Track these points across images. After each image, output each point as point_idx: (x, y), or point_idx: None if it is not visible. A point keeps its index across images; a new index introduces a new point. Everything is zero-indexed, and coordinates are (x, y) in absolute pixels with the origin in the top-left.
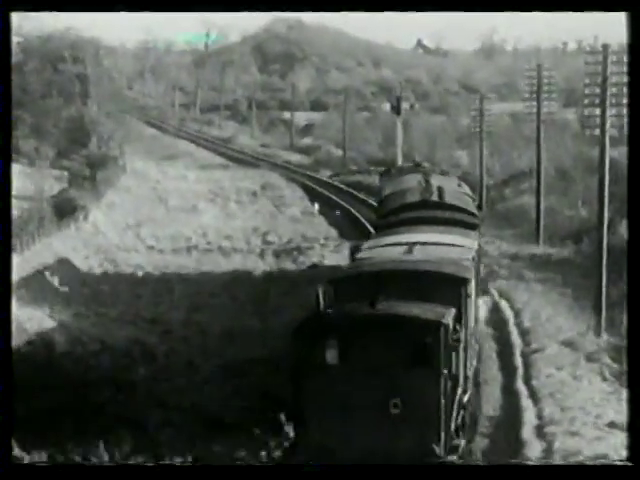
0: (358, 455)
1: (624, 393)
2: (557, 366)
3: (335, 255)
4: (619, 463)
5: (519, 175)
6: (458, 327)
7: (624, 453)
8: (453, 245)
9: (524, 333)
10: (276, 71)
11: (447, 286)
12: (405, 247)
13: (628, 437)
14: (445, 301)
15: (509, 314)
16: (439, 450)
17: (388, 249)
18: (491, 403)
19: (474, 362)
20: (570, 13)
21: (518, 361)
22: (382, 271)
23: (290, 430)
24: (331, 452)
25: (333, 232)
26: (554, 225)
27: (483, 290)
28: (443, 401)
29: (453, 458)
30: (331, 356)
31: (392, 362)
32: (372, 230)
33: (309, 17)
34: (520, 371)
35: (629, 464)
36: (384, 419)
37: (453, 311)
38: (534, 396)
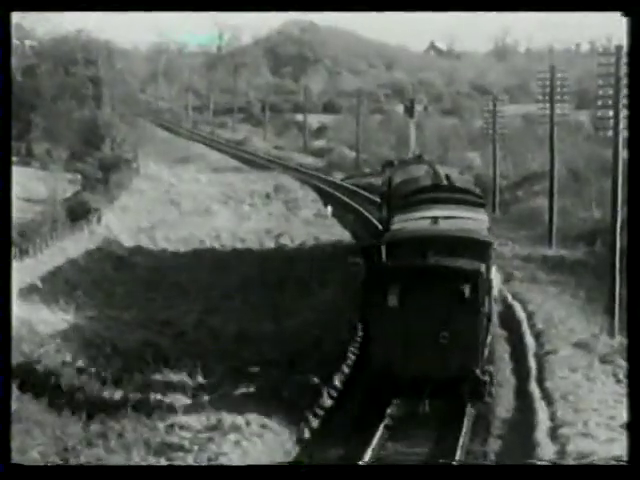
0: (412, 375)
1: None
2: (571, 368)
3: None
4: (619, 463)
5: (532, 177)
6: (490, 277)
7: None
8: (468, 219)
9: (537, 335)
10: (289, 73)
11: (477, 247)
12: (430, 220)
13: (628, 437)
14: (476, 258)
15: (522, 316)
16: (478, 372)
17: (415, 222)
18: (504, 405)
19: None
20: (583, 14)
21: (531, 363)
22: (426, 236)
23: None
24: (392, 372)
25: (347, 234)
26: (567, 227)
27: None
28: (481, 333)
29: (487, 379)
30: (392, 299)
31: (441, 302)
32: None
33: (321, 19)
34: (533, 373)
35: (629, 464)
36: (434, 348)
37: (484, 265)
38: (547, 398)
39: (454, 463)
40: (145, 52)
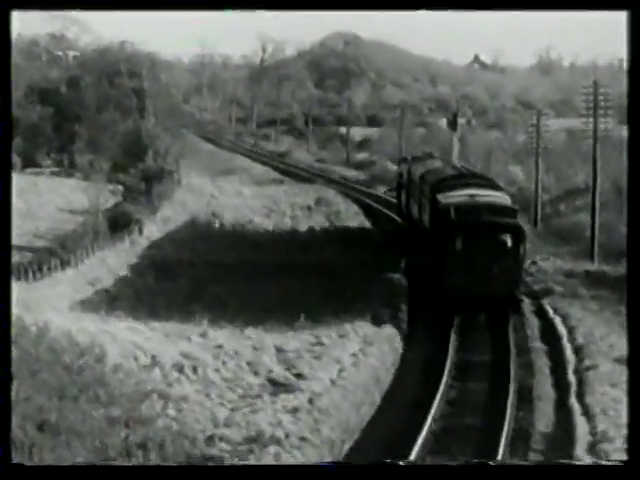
0: (473, 295)
1: None
2: (611, 383)
3: None
4: (618, 463)
5: (574, 191)
6: (524, 231)
7: None
8: (494, 195)
9: (578, 350)
10: (332, 86)
11: (511, 212)
12: (467, 197)
13: (628, 437)
14: (512, 218)
15: (563, 331)
16: (517, 293)
17: (457, 198)
18: (544, 419)
19: None
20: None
21: (571, 378)
22: (475, 203)
23: None
24: (459, 291)
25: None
26: (609, 242)
27: None
28: (519, 268)
29: (522, 298)
30: (458, 245)
31: (493, 247)
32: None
33: (365, 32)
34: (573, 388)
35: (629, 464)
36: (488, 277)
37: (519, 222)
38: (587, 413)
39: (457, 463)
40: (188, 64)
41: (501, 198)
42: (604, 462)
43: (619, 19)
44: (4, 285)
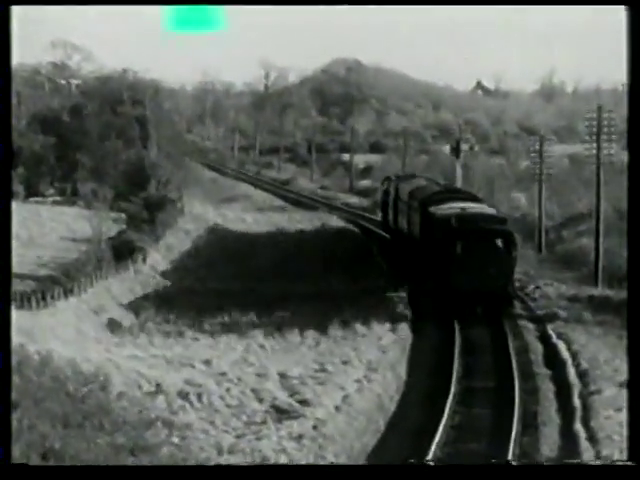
0: (472, 290)
1: None
2: (616, 408)
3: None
4: (619, 463)
5: (577, 217)
6: (515, 236)
7: None
8: (481, 207)
9: (582, 375)
10: (335, 113)
11: (501, 221)
12: (459, 209)
13: (628, 437)
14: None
15: (567, 356)
16: (509, 289)
17: (449, 210)
18: (549, 444)
19: None
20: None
21: (576, 403)
22: (470, 213)
23: None
24: (462, 285)
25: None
26: (613, 267)
27: None
28: (511, 267)
29: (512, 293)
30: (459, 249)
31: (489, 250)
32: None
33: (367, 59)
34: (578, 413)
35: (629, 464)
36: (485, 275)
37: (509, 229)
38: (593, 438)
39: (465, 464)
40: (192, 91)
41: (488, 209)
42: (608, 462)
43: (623, 41)
44: (4, 289)
